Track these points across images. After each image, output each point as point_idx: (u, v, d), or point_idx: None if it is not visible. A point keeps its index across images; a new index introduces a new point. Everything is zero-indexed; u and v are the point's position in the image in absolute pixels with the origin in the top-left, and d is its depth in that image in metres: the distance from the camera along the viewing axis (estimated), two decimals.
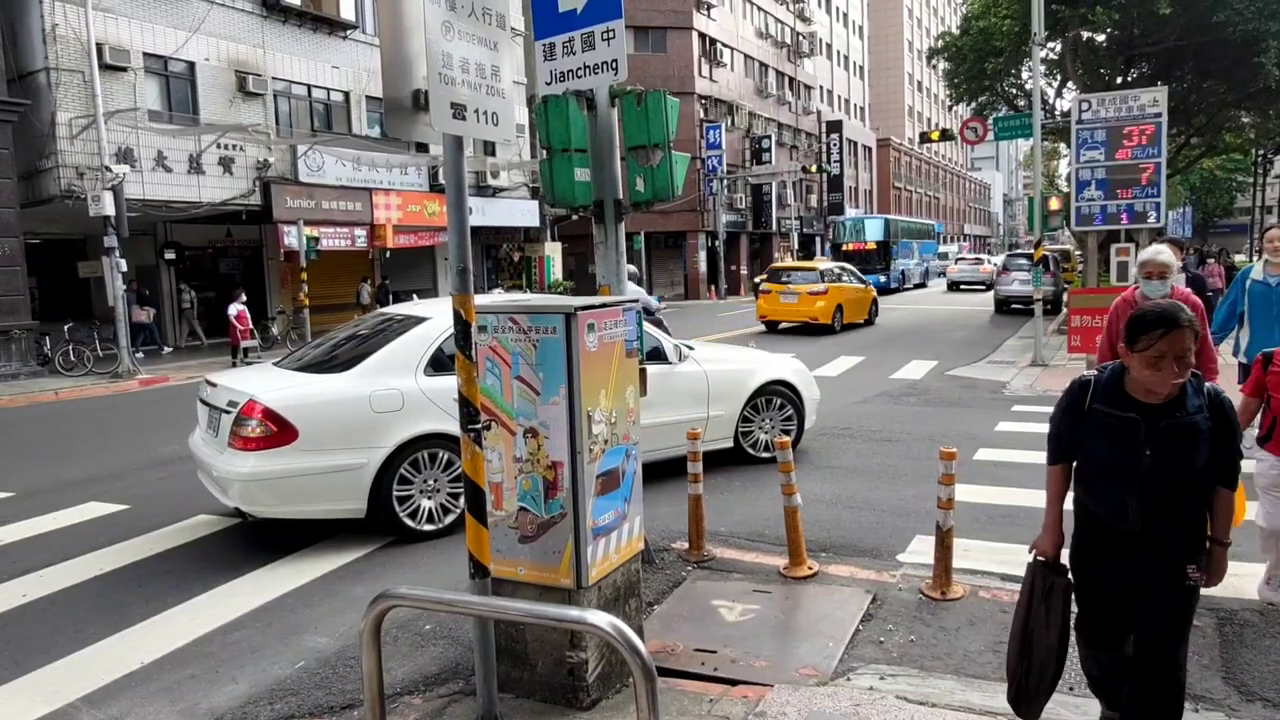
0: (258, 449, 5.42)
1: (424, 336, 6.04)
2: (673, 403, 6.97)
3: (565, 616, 2.64)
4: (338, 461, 5.56)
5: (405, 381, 5.81)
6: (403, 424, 5.72)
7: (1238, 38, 18.58)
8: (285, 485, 5.49)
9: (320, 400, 5.65)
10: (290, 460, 5.44)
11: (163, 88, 19.62)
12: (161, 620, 4.66)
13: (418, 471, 5.84)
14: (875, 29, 74.82)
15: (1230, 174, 55.22)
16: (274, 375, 6.19)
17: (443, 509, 5.94)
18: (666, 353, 7.17)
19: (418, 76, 3.06)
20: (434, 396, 5.81)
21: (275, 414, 5.44)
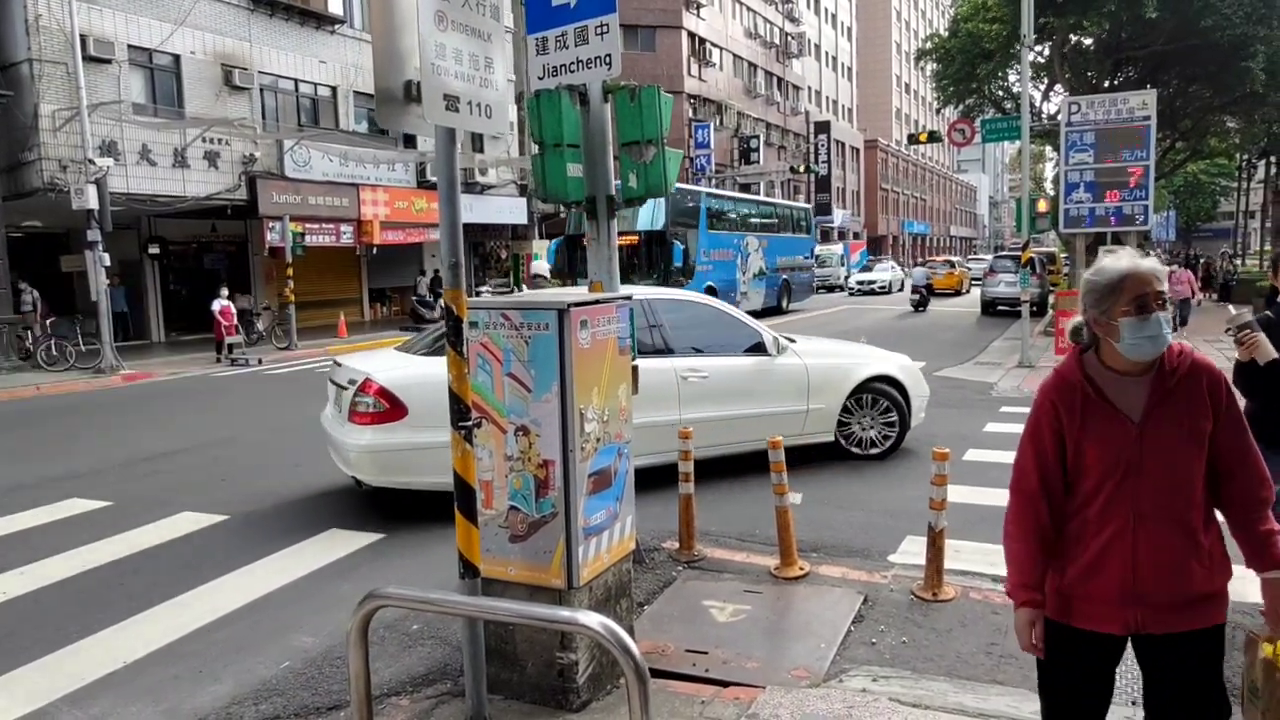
0: (372, 424, 5.88)
1: None
2: (771, 395, 7.02)
3: (556, 617, 2.59)
4: (443, 438, 5.58)
5: None
6: None
7: (1225, 42, 18.73)
8: (395, 458, 5.94)
9: (429, 381, 5.87)
10: (400, 435, 5.86)
11: (147, 80, 19.42)
12: (145, 619, 4.58)
13: None
14: (864, 31, 75.07)
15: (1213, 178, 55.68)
16: (393, 357, 6.70)
17: None
18: (766, 345, 7.14)
19: (410, 67, 3.01)
20: None
21: (387, 392, 5.87)
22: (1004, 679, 3.63)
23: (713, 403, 6.77)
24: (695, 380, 6.73)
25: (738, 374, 7.02)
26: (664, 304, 7.06)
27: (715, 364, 6.90)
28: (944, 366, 13.94)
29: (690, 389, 6.70)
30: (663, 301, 7.11)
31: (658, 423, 6.39)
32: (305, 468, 8.02)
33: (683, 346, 6.86)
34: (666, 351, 6.75)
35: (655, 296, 7.27)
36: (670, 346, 6.79)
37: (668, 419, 6.45)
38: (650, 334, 6.72)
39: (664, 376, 6.57)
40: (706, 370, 6.81)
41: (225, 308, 17.92)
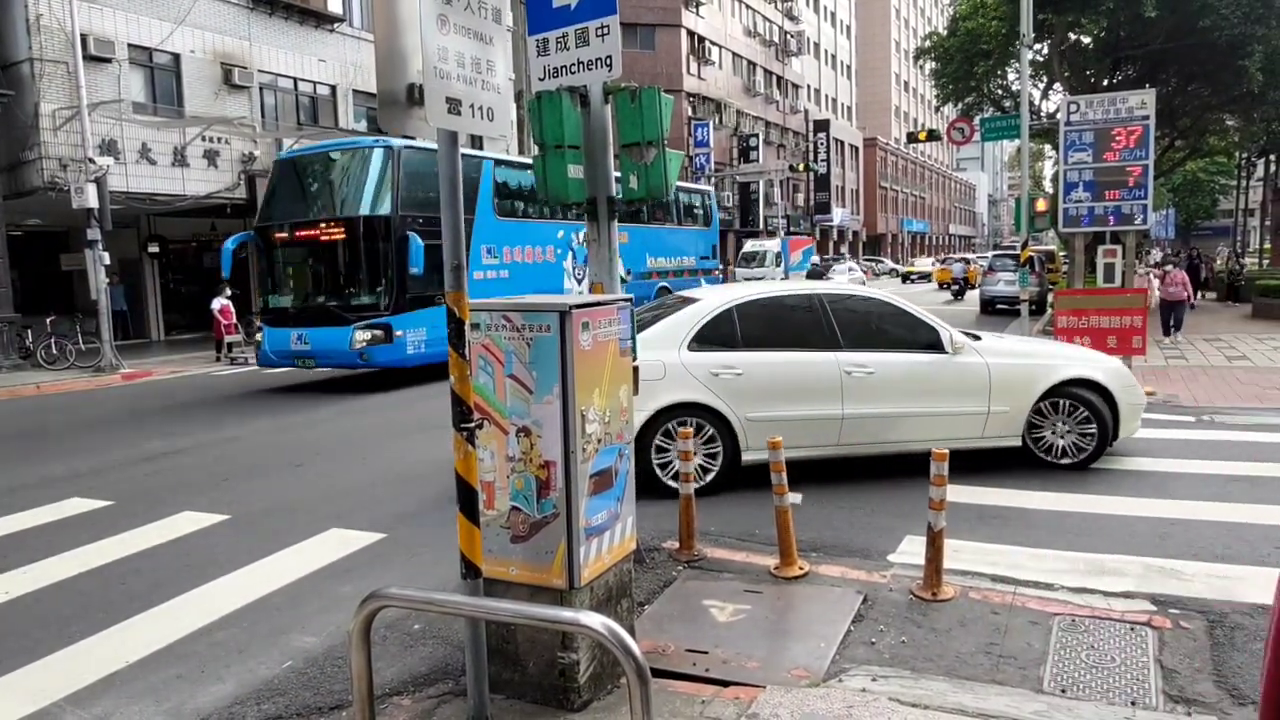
0: None
1: (692, 316, 6.79)
2: (945, 394, 6.86)
3: (558, 618, 2.61)
4: None
5: (669, 354, 6.55)
6: (663, 391, 6.44)
7: (1223, 42, 18.74)
8: None
9: None
10: None
11: (147, 79, 19.42)
12: (146, 618, 4.59)
13: (675, 436, 6.28)
14: (863, 29, 75.05)
15: (1212, 176, 55.71)
16: None
17: (699, 470, 6.40)
18: (942, 342, 6.94)
19: (412, 70, 3.02)
20: (693, 369, 6.52)
21: None
22: (1003, 679, 3.64)
23: (878, 399, 6.70)
24: (860, 375, 6.68)
25: (907, 371, 6.86)
26: (831, 296, 7.07)
27: (883, 359, 6.80)
28: None
29: (854, 384, 6.66)
30: (830, 294, 7.12)
31: (817, 416, 6.60)
32: (307, 467, 8.04)
33: (849, 340, 6.81)
34: (831, 345, 6.76)
35: (823, 289, 7.35)
36: (835, 340, 6.78)
37: (827, 413, 6.61)
38: (813, 326, 6.81)
39: (826, 370, 6.65)
40: (872, 365, 6.73)
41: (225, 306, 17.93)
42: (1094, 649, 3.86)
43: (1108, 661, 3.74)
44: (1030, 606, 4.32)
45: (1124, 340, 11.11)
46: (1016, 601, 4.39)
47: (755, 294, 7.13)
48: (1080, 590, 4.53)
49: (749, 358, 6.65)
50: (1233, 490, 6.28)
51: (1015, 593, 4.50)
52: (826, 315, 6.88)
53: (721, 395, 6.51)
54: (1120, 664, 3.71)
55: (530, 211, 16.52)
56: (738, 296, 7.00)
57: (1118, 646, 3.87)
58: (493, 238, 15.20)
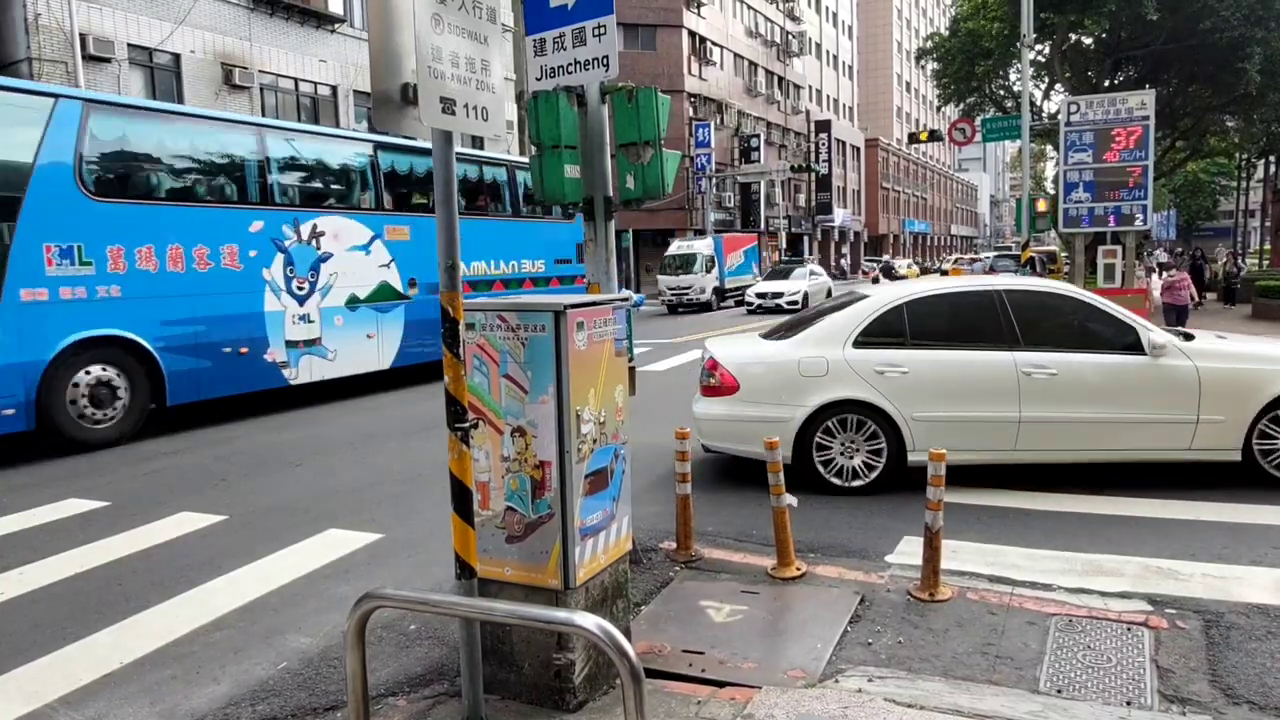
0: (711, 395, 6.79)
1: (857, 313, 6.72)
2: (1142, 400, 6.30)
3: (553, 618, 2.61)
4: (768, 413, 6.52)
5: (833, 351, 6.55)
6: (825, 388, 6.46)
7: (1223, 43, 18.75)
8: (728, 427, 6.72)
9: (759, 361, 6.82)
10: (732, 407, 6.66)
11: (147, 79, 19.42)
12: (142, 619, 4.59)
13: (837, 432, 6.48)
14: (865, 29, 75.06)
15: (1213, 177, 55.72)
16: (742, 340, 7.54)
17: (864, 467, 6.49)
18: (1142, 342, 6.38)
19: (407, 70, 3.02)
20: (857, 367, 6.46)
21: (723, 368, 6.71)
22: (999, 679, 3.63)
23: (1061, 403, 6.31)
24: (1040, 377, 6.30)
25: (1097, 373, 6.39)
26: (1012, 292, 6.73)
27: (1068, 360, 6.38)
28: None
29: (1033, 385, 6.30)
30: (1011, 289, 6.77)
31: (989, 419, 6.34)
32: (305, 467, 8.03)
33: (1030, 339, 6.46)
34: (1009, 343, 6.44)
35: (1004, 284, 6.92)
36: (1014, 338, 6.45)
37: (1001, 416, 6.32)
38: (990, 323, 6.53)
39: (1000, 370, 6.35)
40: (1055, 366, 6.33)
41: None
42: (1090, 649, 3.85)
43: (1104, 661, 3.73)
44: (1027, 607, 4.32)
45: None
46: (1014, 602, 4.38)
47: (928, 290, 6.97)
48: (1077, 590, 4.53)
49: (917, 356, 6.47)
50: (1231, 490, 6.27)
51: (1012, 593, 4.49)
52: (1005, 312, 6.54)
53: (887, 393, 6.38)
54: (1116, 664, 3.71)
55: (184, 188, 10.38)
56: (910, 292, 6.85)
57: (1114, 646, 3.87)
58: (80, 230, 9.07)
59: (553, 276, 16.18)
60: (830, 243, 61.67)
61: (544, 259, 16.04)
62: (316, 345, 11.68)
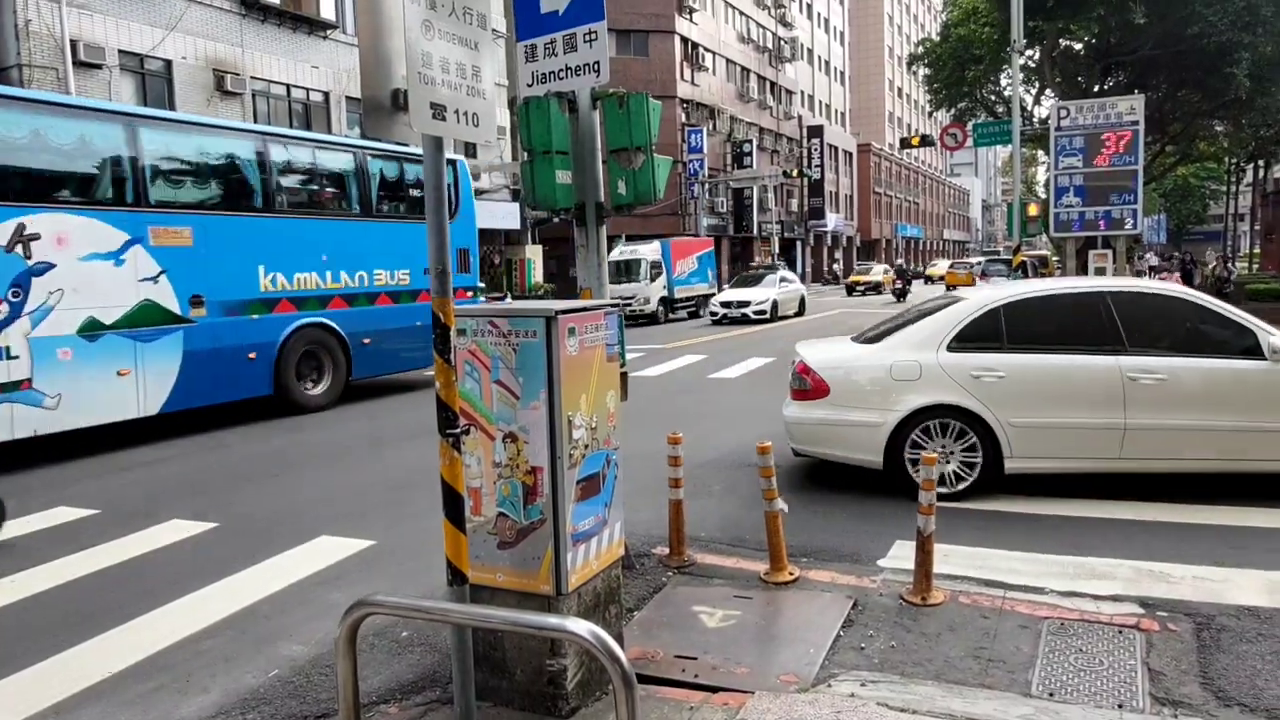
0: (801, 399, 6.72)
1: (952, 316, 6.58)
2: (1263, 407, 5.99)
3: (545, 624, 2.60)
4: (859, 418, 6.49)
5: (926, 355, 6.41)
6: (919, 393, 6.34)
7: (1211, 48, 18.88)
8: (818, 430, 6.70)
9: (851, 365, 6.74)
10: (822, 411, 6.60)
11: (138, 86, 19.38)
12: (131, 628, 4.56)
13: (931, 437, 6.33)
14: (856, 35, 75.35)
15: (1203, 181, 56.06)
16: (832, 344, 7.57)
17: (955, 475, 6.32)
18: (1261, 346, 6.05)
19: (397, 76, 3.02)
20: (952, 371, 6.31)
21: (813, 372, 6.63)
22: (992, 683, 3.64)
23: (1172, 410, 6.04)
24: (1148, 383, 6.05)
25: (1210, 378, 6.11)
26: (1119, 294, 6.49)
27: (1179, 365, 6.10)
28: None
29: (1140, 392, 6.05)
30: (1118, 291, 6.53)
31: (1092, 425, 6.11)
32: (296, 474, 8.01)
33: (1138, 342, 6.20)
34: (1114, 347, 6.18)
35: (1110, 285, 6.71)
36: (1119, 342, 6.19)
37: (1105, 423, 6.08)
38: (1094, 327, 6.30)
39: (1103, 375, 6.12)
40: (1164, 371, 6.06)
41: None
42: (1082, 652, 3.86)
43: (1096, 665, 3.74)
44: (1019, 610, 4.32)
45: None
46: (1006, 605, 4.39)
47: (1028, 292, 6.81)
48: (1069, 594, 4.54)
49: (1014, 360, 6.27)
50: (1223, 493, 6.29)
51: (1005, 597, 4.50)
52: (1110, 315, 6.29)
53: (982, 399, 6.21)
54: (1108, 667, 3.72)
55: None
56: (1008, 295, 6.66)
57: (1106, 649, 3.87)
58: None
59: (422, 289, 12.80)
60: (823, 248, 61.81)
61: (409, 268, 12.93)
62: (21, 390, 8.57)
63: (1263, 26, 18.64)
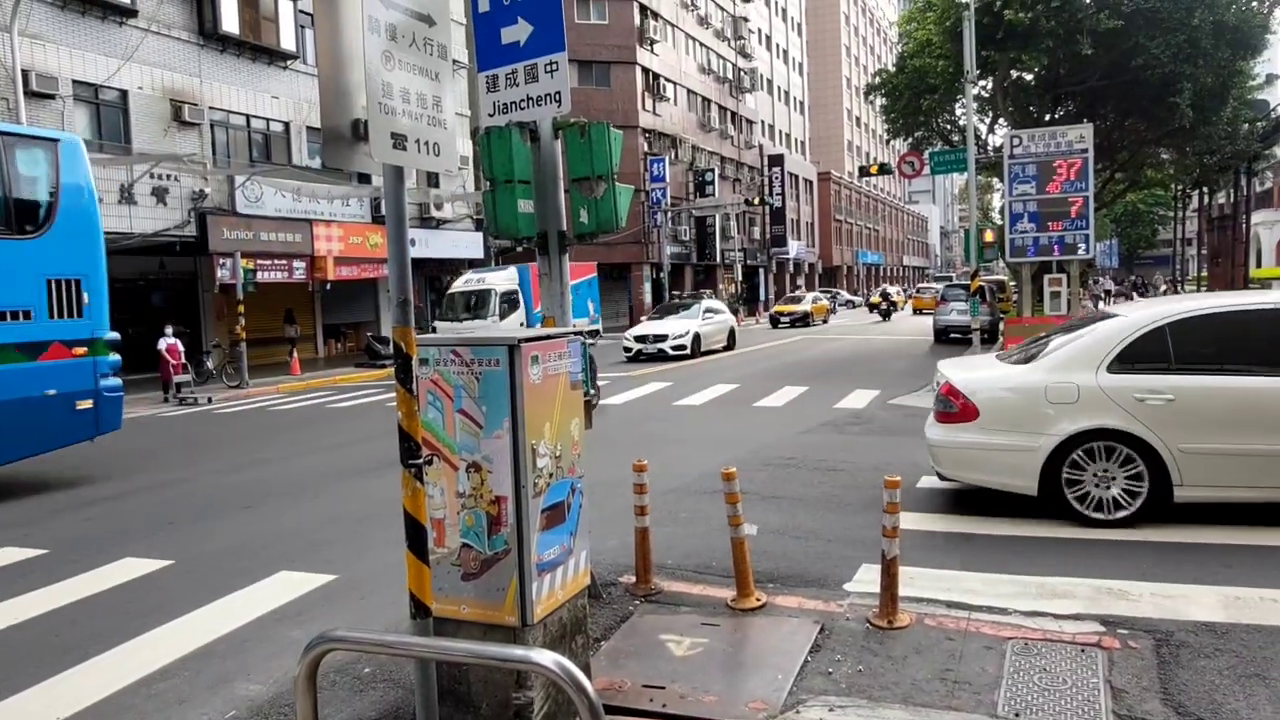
0: (947, 422, 6.50)
1: (1111, 335, 6.24)
2: None
3: (509, 656, 2.56)
4: (1011, 441, 6.26)
5: (1084, 376, 6.12)
6: (1076, 416, 6.07)
7: (1156, 79, 19.51)
8: (965, 455, 6.46)
9: (1000, 386, 6.52)
10: (971, 435, 6.36)
11: (93, 116, 19.13)
12: (80, 672, 4.41)
13: (1091, 461, 6.04)
14: (814, 66, 76.78)
15: (1151, 207, 57.71)
16: (977, 364, 7.37)
17: (1115, 502, 6.03)
18: None
19: (357, 106, 3.01)
20: (1113, 393, 6.00)
21: (961, 394, 6.43)
22: (958, 705, 3.65)
23: None
24: None
25: None
26: None
27: None
28: (898, 395, 14.14)
29: None
30: None
31: (1269, 452, 5.75)
32: (256, 509, 7.85)
33: None
34: None
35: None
36: None
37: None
38: (1275, 345, 5.97)
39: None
40: None
41: (172, 345, 17.57)
42: (1046, 671, 3.89)
43: (1060, 684, 3.77)
44: (984, 631, 4.35)
45: None
46: (971, 627, 4.42)
47: (1197, 309, 6.27)
48: (1032, 614, 4.58)
49: (1184, 382, 5.90)
50: (1178, 511, 6.41)
51: (970, 618, 4.53)
52: None
53: (1148, 423, 5.87)
54: (1072, 686, 3.75)
55: None
56: (1173, 312, 6.23)
57: (1069, 669, 3.91)
58: None
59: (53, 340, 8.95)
60: (785, 274, 62.46)
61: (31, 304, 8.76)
62: None
63: (1203, 58, 19.34)
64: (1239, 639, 4.18)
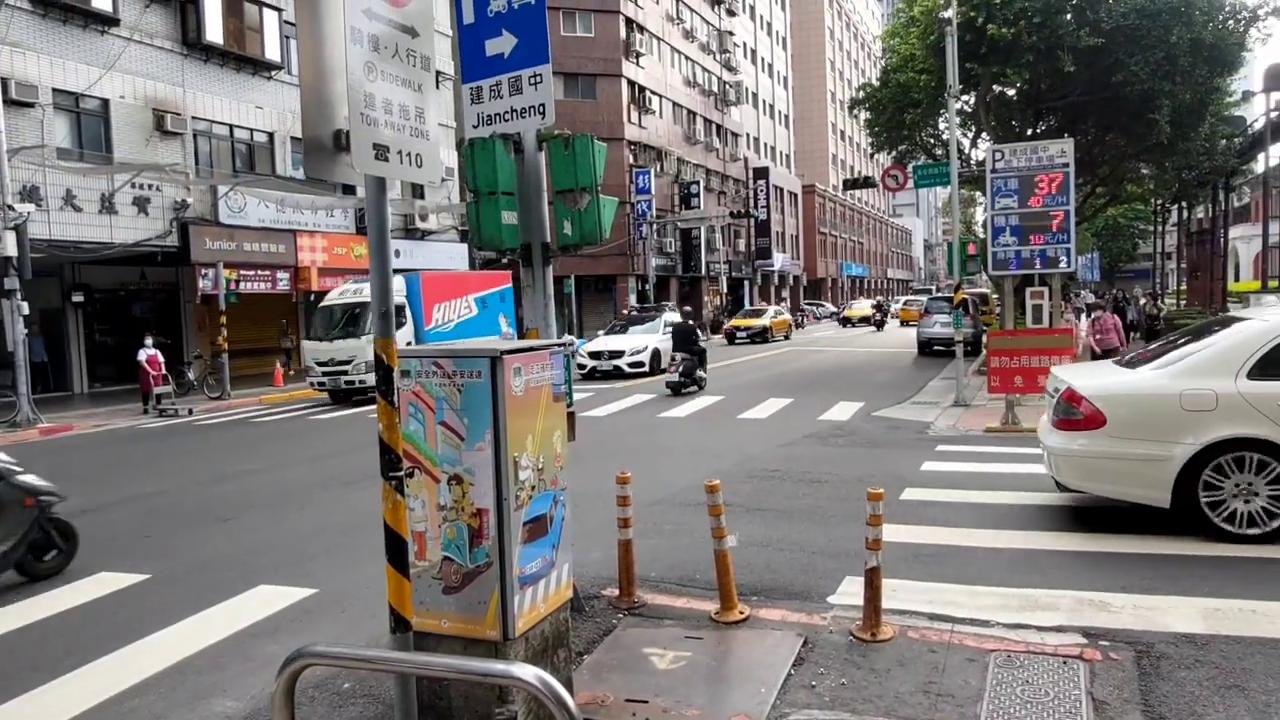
0: (1070, 429, 6.22)
1: (1250, 339, 6.00)
2: None
3: (490, 671, 2.54)
4: (1141, 450, 5.97)
5: (1221, 383, 5.84)
6: (1214, 424, 5.78)
7: (1135, 96, 19.76)
8: (1089, 464, 6.19)
9: (1129, 393, 6.19)
10: (1098, 443, 6.06)
11: (73, 125, 18.99)
12: (51, 689, 4.33)
13: (1230, 473, 5.77)
14: (799, 80, 77.30)
15: (1132, 221, 58.32)
16: (1097, 369, 6.99)
17: (1265, 513, 5.76)
18: None
19: (339, 117, 3.00)
20: (1255, 401, 5.73)
21: (1086, 400, 6.11)
22: (941, 718, 3.64)
23: None
24: None
25: None
26: None
27: None
28: (882, 407, 14.19)
29: None
30: None
31: None
32: (235, 521, 7.76)
33: None
34: None
35: None
36: None
37: None
38: None
39: None
40: None
41: (153, 356, 17.39)
42: (1029, 684, 3.89)
43: (1042, 696, 3.77)
44: (967, 644, 4.36)
45: None
46: (954, 639, 4.42)
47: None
48: (1015, 626, 4.59)
49: None
50: (1157, 523, 6.45)
51: (953, 630, 4.53)
52: None
53: None
54: (1054, 698, 3.75)
55: None
56: None
57: (1051, 681, 3.92)
58: None
59: None
60: (770, 286, 62.66)
61: None
62: None
63: (1181, 76, 19.60)
64: (1218, 650, 4.20)
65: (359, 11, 2.90)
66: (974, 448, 10.34)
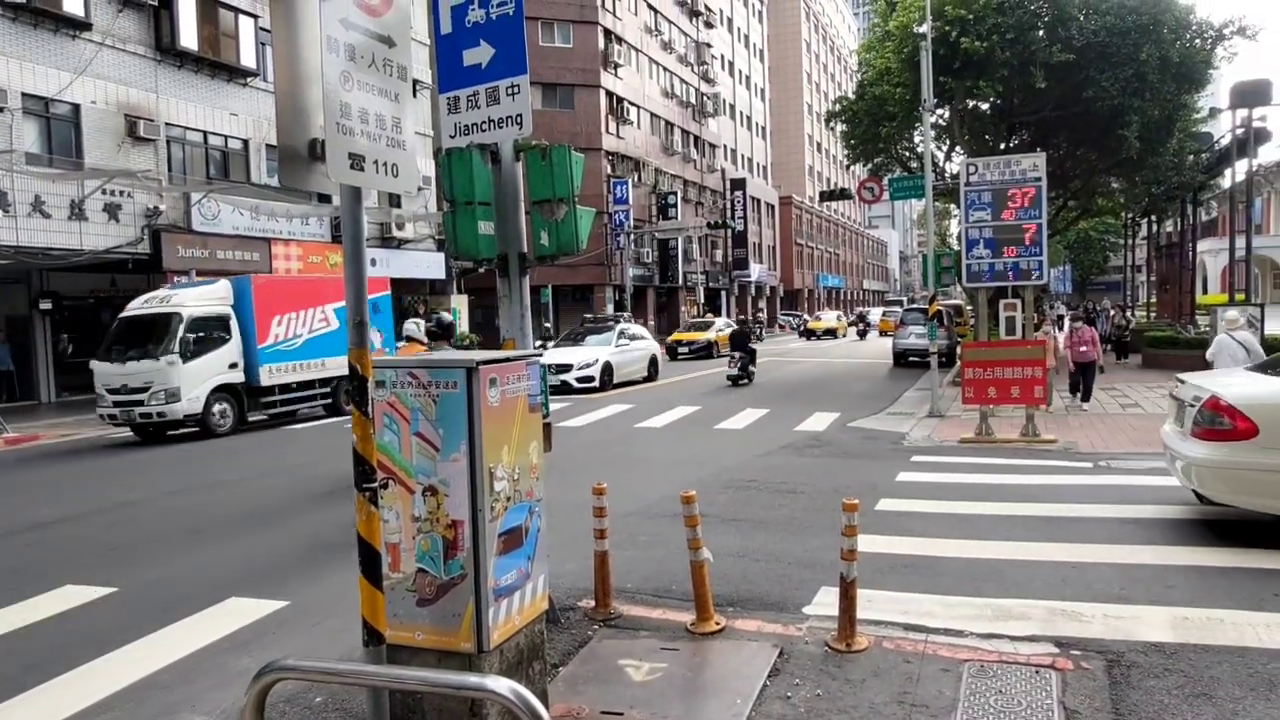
0: (1213, 440, 5.86)
1: None
2: None
3: (464, 684, 2.51)
4: None
5: None
6: None
7: (1105, 111, 20.09)
8: (1238, 476, 5.81)
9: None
10: (1245, 454, 5.68)
11: (43, 130, 18.72)
12: (14, 706, 4.24)
13: None
14: (776, 93, 77.89)
15: (1103, 234, 59.19)
16: (1238, 376, 6.63)
17: None
18: None
19: (314, 126, 2.98)
20: None
21: (1234, 410, 5.75)
22: None
23: None
24: None
25: None
26: None
27: None
28: (857, 418, 14.27)
29: None
30: None
31: None
32: (206, 533, 7.65)
33: None
34: None
35: None
36: None
37: None
38: None
39: None
40: None
41: None
42: (1002, 693, 3.92)
43: (1015, 705, 3.80)
44: (941, 654, 4.38)
45: (1026, 390, 11.58)
46: (928, 649, 4.44)
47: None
48: (988, 636, 4.62)
49: None
50: (1127, 533, 6.54)
51: (927, 640, 4.55)
52: None
53: None
54: (1026, 707, 3.78)
55: None
56: None
57: (1024, 690, 3.94)
58: None
59: None
60: (747, 297, 62.93)
61: None
62: None
63: (1150, 92, 19.95)
64: (1186, 659, 4.26)
65: (335, 21, 2.89)
66: (949, 458, 10.42)
